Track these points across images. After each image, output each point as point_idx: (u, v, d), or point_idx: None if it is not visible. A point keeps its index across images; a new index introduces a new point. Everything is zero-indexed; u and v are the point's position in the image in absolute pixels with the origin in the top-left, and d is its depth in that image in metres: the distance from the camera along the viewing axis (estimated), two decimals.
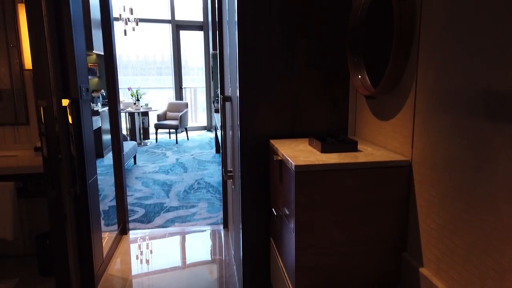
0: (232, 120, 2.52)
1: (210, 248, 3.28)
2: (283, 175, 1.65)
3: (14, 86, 3.06)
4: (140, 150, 7.26)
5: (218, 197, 4.56)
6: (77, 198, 2.49)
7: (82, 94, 2.44)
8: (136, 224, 3.78)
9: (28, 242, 3.05)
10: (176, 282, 2.74)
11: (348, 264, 1.51)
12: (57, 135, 2.30)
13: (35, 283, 2.67)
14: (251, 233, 2.13)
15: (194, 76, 9.97)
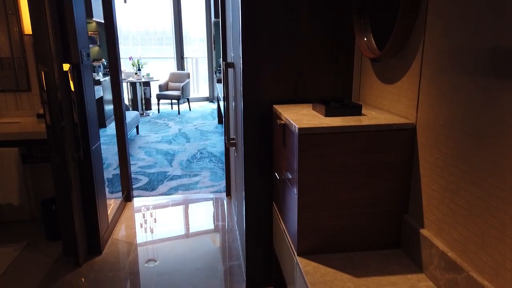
0: (235, 86, 2.50)
1: (213, 215, 3.33)
2: (286, 139, 1.64)
3: (15, 54, 3.02)
4: (143, 121, 7.26)
5: (221, 166, 4.60)
6: (81, 164, 2.52)
7: (83, 59, 2.42)
8: (140, 191, 3.83)
9: (34, 208, 3.11)
10: (180, 247, 2.80)
11: (350, 226, 1.53)
12: (60, 102, 2.30)
13: (42, 247, 2.74)
14: (254, 198, 2.15)
15: (195, 46, 9.82)
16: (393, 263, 1.47)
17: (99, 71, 6.88)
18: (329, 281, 1.36)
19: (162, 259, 2.61)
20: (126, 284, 2.36)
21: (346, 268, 1.44)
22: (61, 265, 2.52)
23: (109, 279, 2.40)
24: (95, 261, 2.58)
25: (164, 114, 8.00)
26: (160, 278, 2.40)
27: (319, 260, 1.50)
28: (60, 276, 2.41)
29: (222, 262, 2.58)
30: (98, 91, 6.08)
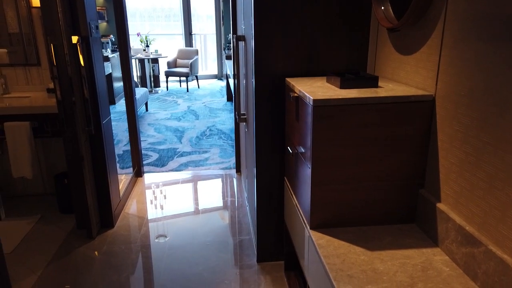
0: (246, 59, 2.45)
1: (223, 191, 3.34)
2: (300, 112, 1.61)
3: (23, 29, 2.99)
4: (152, 98, 7.24)
5: (230, 143, 4.59)
6: (92, 139, 2.52)
7: (92, 31, 2.38)
8: (150, 167, 3.85)
9: (47, 182, 3.14)
10: (191, 222, 2.83)
11: (364, 200, 1.52)
12: (70, 77, 2.28)
13: (56, 220, 2.78)
14: (265, 173, 2.14)
15: (203, 23, 9.66)
16: (407, 237, 1.45)
17: (107, 47, 6.83)
18: (342, 254, 1.36)
19: (173, 233, 2.64)
20: (138, 256, 2.39)
21: (359, 241, 1.43)
22: (75, 238, 2.56)
23: (121, 251, 2.43)
24: (108, 234, 2.62)
25: (172, 91, 7.96)
26: (171, 251, 2.43)
27: (332, 233, 1.49)
28: (73, 248, 2.45)
29: (232, 237, 2.60)
30: (106, 68, 6.05)
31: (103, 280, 2.16)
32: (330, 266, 1.29)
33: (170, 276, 2.19)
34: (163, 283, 2.14)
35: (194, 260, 2.34)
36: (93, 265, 2.29)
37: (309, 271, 1.56)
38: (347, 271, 1.26)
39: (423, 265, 1.29)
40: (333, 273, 1.25)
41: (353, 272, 1.25)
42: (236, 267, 2.27)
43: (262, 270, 2.24)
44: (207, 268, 2.27)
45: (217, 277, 2.18)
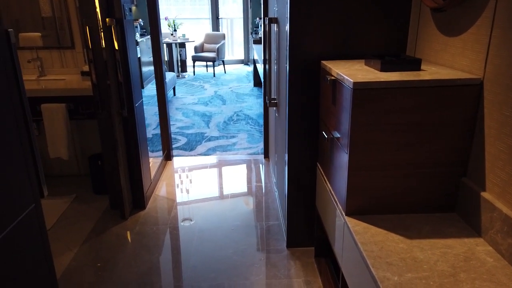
0: (279, 43, 2.40)
1: (252, 176, 3.35)
2: (337, 95, 1.57)
3: (56, 13, 3.04)
4: (179, 82, 7.29)
5: (258, 129, 4.57)
6: (125, 121, 2.56)
7: (126, 14, 2.39)
8: (179, 151, 3.90)
9: (81, 163, 3.23)
10: (219, 206, 2.85)
11: (402, 187, 1.47)
12: (105, 61, 2.30)
13: (90, 200, 2.87)
14: (296, 159, 2.12)
15: (229, 7, 9.55)
16: (448, 226, 1.41)
17: (136, 31, 6.89)
18: (380, 241, 1.33)
19: (202, 216, 2.67)
20: (169, 238, 2.44)
21: (397, 229, 1.40)
22: (109, 218, 2.63)
23: (153, 232, 2.49)
24: (140, 215, 2.68)
25: (199, 76, 7.99)
26: (201, 233, 2.47)
27: (369, 220, 1.46)
28: (107, 227, 2.52)
29: (261, 222, 2.61)
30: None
31: (136, 260, 2.22)
32: (367, 253, 1.26)
33: (200, 258, 2.23)
34: (194, 264, 2.18)
35: (223, 243, 2.37)
36: (126, 245, 2.35)
37: (343, 258, 1.54)
38: (386, 258, 1.23)
39: (466, 255, 1.24)
40: (371, 260, 1.23)
41: (392, 260, 1.22)
42: (266, 251, 2.28)
43: (291, 255, 2.24)
44: (236, 251, 2.29)
45: (247, 260, 2.20)
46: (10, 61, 1.19)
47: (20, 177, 1.22)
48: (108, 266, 2.16)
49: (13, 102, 1.19)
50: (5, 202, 1.13)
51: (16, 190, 1.19)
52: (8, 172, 1.15)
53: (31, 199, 1.28)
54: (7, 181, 1.15)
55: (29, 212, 1.26)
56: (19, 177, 1.21)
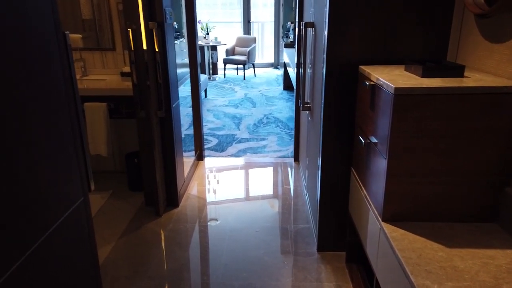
0: (315, 47, 2.42)
1: (282, 178, 3.36)
2: (376, 100, 1.57)
3: (96, 16, 3.17)
4: (210, 85, 7.40)
5: (287, 132, 4.58)
6: (162, 121, 2.64)
7: (167, 17, 2.47)
8: (210, 152, 3.97)
9: (118, 160, 3.35)
10: (250, 207, 2.88)
11: (442, 194, 1.45)
12: (146, 62, 2.39)
13: (126, 196, 2.97)
14: (330, 163, 2.12)
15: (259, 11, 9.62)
16: (489, 236, 1.38)
17: None
18: (418, 248, 1.32)
19: (233, 216, 2.71)
20: (202, 236, 2.49)
21: (436, 237, 1.38)
22: (143, 214, 2.72)
23: (186, 229, 2.55)
24: (173, 212, 2.75)
25: (229, 78, 8.08)
26: (232, 233, 2.51)
27: (406, 227, 1.45)
28: (143, 223, 2.61)
29: (292, 224, 2.62)
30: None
31: (170, 256, 2.28)
32: (406, 260, 1.26)
33: (232, 257, 2.26)
34: (225, 262, 2.22)
35: (254, 244, 2.40)
36: (159, 241, 2.42)
37: (378, 264, 1.54)
38: (425, 266, 1.22)
39: (509, 266, 1.21)
40: (410, 267, 1.22)
41: (431, 268, 1.21)
42: (296, 254, 2.29)
43: (322, 259, 2.24)
44: (267, 252, 2.31)
45: (278, 262, 2.22)
46: (67, 61, 1.26)
47: (73, 171, 1.29)
48: (143, 261, 2.23)
49: (69, 100, 1.27)
50: (59, 195, 1.21)
51: (69, 184, 1.27)
52: (63, 167, 1.23)
53: (80, 193, 1.35)
54: (62, 175, 1.22)
55: (79, 205, 1.33)
56: (72, 172, 1.28)
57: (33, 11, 1.08)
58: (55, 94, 1.18)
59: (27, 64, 1.05)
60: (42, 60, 1.12)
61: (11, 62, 0.98)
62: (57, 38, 1.20)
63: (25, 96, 1.04)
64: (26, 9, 1.04)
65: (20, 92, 1.01)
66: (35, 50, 1.08)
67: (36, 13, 1.09)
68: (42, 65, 1.12)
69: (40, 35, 1.10)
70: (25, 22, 1.04)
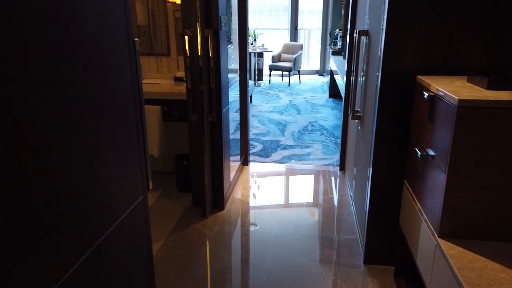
0: (368, 55, 2.39)
1: (327, 187, 3.33)
2: (435, 112, 1.52)
3: (150, 22, 3.32)
4: (255, 90, 7.48)
5: (333, 140, 4.53)
6: (213, 125, 2.71)
7: (221, 25, 2.54)
8: (255, 157, 4.01)
9: (167, 161, 3.47)
10: (294, 214, 2.88)
11: (506, 213, 1.38)
12: (200, 68, 2.46)
13: (174, 196, 3.07)
14: (381, 173, 2.07)
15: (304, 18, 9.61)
16: None
17: None
18: (478, 268, 1.26)
19: (277, 222, 2.72)
20: (245, 239, 2.52)
21: (498, 257, 1.31)
22: (190, 215, 2.79)
23: (231, 232, 2.59)
24: (219, 215, 2.80)
25: (274, 85, 8.13)
26: (276, 239, 2.51)
27: (465, 245, 1.39)
28: (190, 223, 2.68)
29: (337, 234, 2.58)
30: None
31: (215, 258, 2.33)
32: (465, 279, 1.20)
33: (277, 263, 2.27)
34: (270, 268, 2.23)
35: (298, 251, 2.39)
36: (205, 242, 2.48)
37: (432, 282, 1.48)
38: (485, 287, 1.16)
39: None
40: (469, 287, 1.16)
41: None
42: (342, 264, 2.25)
43: (369, 272, 2.19)
44: (312, 260, 2.29)
45: (322, 271, 2.19)
46: (135, 66, 1.34)
47: (136, 170, 1.36)
48: (189, 260, 2.29)
49: (135, 103, 1.34)
50: (124, 192, 1.28)
51: (132, 182, 1.34)
52: (129, 165, 1.30)
53: (141, 191, 1.42)
54: (127, 173, 1.29)
55: (139, 203, 1.40)
56: (135, 171, 1.35)
57: (110, 19, 1.16)
58: (124, 97, 1.26)
59: (105, 71, 1.12)
60: (115, 65, 1.19)
61: (92, 68, 1.05)
62: (128, 45, 1.28)
63: (101, 98, 1.11)
64: (104, 16, 1.12)
65: (98, 95, 1.09)
66: (110, 56, 1.16)
67: (113, 21, 1.17)
68: (115, 70, 1.19)
69: (115, 42, 1.18)
70: (104, 30, 1.12)
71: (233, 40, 4.38)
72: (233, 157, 3.95)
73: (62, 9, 0.92)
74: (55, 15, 0.90)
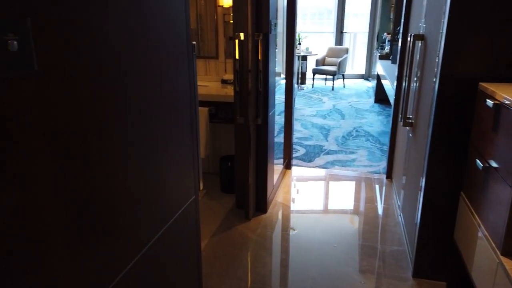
0: (424, 61, 2.29)
1: (371, 195, 3.23)
2: (501, 122, 1.43)
3: (199, 26, 3.38)
4: (298, 94, 7.44)
5: (378, 147, 4.40)
6: (258, 128, 2.71)
7: (271, 29, 2.54)
8: (298, 161, 3.97)
9: (211, 162, 3.53)
10: (337, 221, 2.82)
11: None
12: (249, 71, 2.48)
13: (217, 197, 3.11)
14: (435, 184, 1.98)
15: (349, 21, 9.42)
16: None
17: None
18: None
19: (320, 229, 2.67)
20: (288, 245, 2.50)
21: None
22: (234, 216, 2.82)
23: (273, 236, 2.58)
24: (261, 218, 2.80)
25: (318, 89, 8.04)
26: (321, 246, 2.47)
27: None
28: (233, 225, 2.70)
29: (383, 245, 2.50)
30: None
31: (258, 261, 2.33)
32: None
33: (320, 271, 2.23)
34: (313, 275, 2.19)
35: (343, 260, 2.33)
36: (248, 244, 2.49)
37: None
38: None
39: None
40: None
41: None
42: (389, 276, 2.18)
43: (418, 286, 2.09)
44: (357, 270, 2.23)
45: (369, 282, 2.13)
46: (192, 68, 1.37)
47: (189, 171, 1.39)
48: (233, 262, 2.31)
49: (191, 104, 1.37)
50: (178, 192, 1.31)
51: (186, 183, 1.37)
52: (183, 165, 1.33)
53: (193, 191, 1.44)
54: (181, 173, 1.32)
55: (191, 202, 1.43)
56: (189, 171, 1.38)
57: (175, 25, 1.19)
58: (182, 98, 1.29)
59: (168, 73, 1.16)
60: (176, 68, 1.23)
61: (157, 71, 1.09)
62: (187, 49, 1.31)
63: (165, 101, 1.14)
64: (168, 22, 1.15)
65: (162, 98, 1.12)
66: (173, 59, 1.19)
67: (177, 26, 1.20)
68: (176, 73, 1.23)
69: (177, 45, 1.22)
70: (169, 35, 1.15)
71: (277, 43, 4.37)
72: (276, 160, 3.94)
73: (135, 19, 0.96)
74: (131, 23, 0.94)
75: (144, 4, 1.01)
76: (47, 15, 0.69)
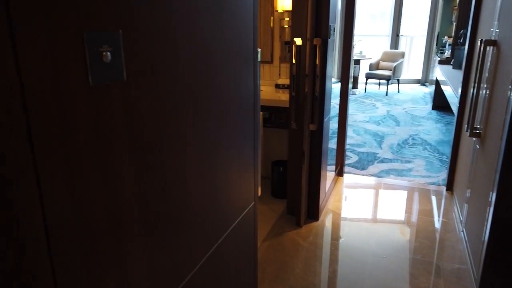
0: (496, 67, 2.14)
1: (432, 208, 3.07)
2: None
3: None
4: (350, 99, 7.27)
5: (437, 157, 4.18)
6: (313, 134, 2.68)
7: (330, 33, 2.50)
8: (350, 168, 3.87)
9: (263, 166, 3.53)
10: (393, 233, 2.70)
11: None
12: (306, 75, 2.46)
13: (268, 202, 3.11)
14: (507, 200, 1.83)
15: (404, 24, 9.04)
16: None
17: None
18: None
19: (375, 241, 2.57)
20: (342, 255, 2.43)
21: None
22: (284, 222, 2.80)
23: (325, 245, 2.53)
24: (313, 225, 2.76)
25: (370, 93, 7.81)
26: (375, 259, 2.38)
27: None
28: (284, 231, 2.68)
29: (442, 261, 2.35)
30: None
31: (309, 269, 2.29)
32: None
33: (374, 284, 2.15)
34: None
35: (399, 274, 2.23)
36: (300, 252, 2.45)
37: None
38: None
39: None
40: None
41: None
42: None
43: None
44: (413, 286, 2.12)
45: None
46: (257, 74, 1.38)
47: (250, 176, 1.39)
48: (285, 268, 2.29)
49: (255, 109, 1.37)
50: (240, 198, 1.31)
51: (246, 187, 1.37)
52: (245, 171, 1.33)
53: (252, 197, 1.45)
54: (243, 179, 1.33)
55: (250, 208, 1.43)
56: (250, 177, 1.39)
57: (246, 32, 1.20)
58: (247, 105, 1.30)
59: (236, 83, 1.17)
60: (244, 74, 1.24)
61: (227, 76, 1.10)
62: (254, 55, 1.31)
63: (232, 107, 1.16)
64: (242, 29, 1.16)
65: (230, 105, 1.14)
66: (242, 65, 1.20)
67: (247, 33, 1.22)
68: (242, 80, 1.24)
69: (246, 51, 1.23)
70: (240, 41, 1.16)
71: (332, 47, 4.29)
72: (328, 167, 3.87)
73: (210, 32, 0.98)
74: (207, 36, 0.96)
75: (219, 19, 1.03)
76: (136, 29, 0.72)
